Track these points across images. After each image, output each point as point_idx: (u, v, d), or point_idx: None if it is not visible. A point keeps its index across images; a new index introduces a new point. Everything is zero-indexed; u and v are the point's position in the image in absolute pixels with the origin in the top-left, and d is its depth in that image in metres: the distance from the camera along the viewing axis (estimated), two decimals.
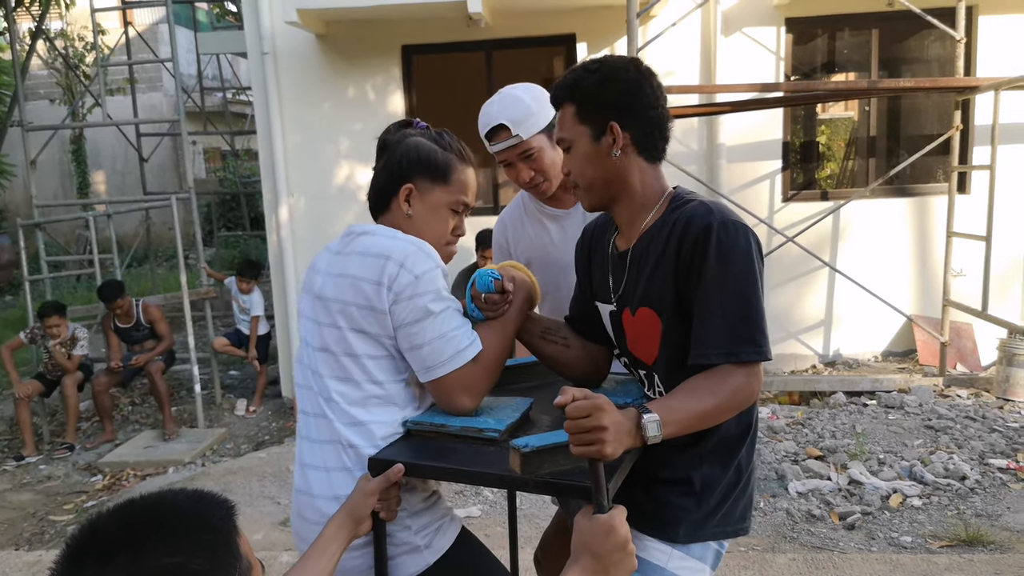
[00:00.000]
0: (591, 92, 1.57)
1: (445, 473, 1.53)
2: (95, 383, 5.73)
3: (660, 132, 1.60)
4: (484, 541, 1.83)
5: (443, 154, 1.74)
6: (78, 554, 0.86)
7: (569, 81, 1.60)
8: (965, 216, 5.80)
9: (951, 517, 3.77)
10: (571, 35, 6.20)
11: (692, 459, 1.56)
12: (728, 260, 1.45)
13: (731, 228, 1.46)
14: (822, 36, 6.42)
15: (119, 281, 6.04)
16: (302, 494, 1.63)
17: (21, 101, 6.51)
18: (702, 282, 1.47)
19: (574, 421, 1.26)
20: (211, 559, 0.88)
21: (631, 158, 1.59)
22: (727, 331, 1.45)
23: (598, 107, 1.57)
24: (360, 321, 1.56)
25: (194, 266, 7.85)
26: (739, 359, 1.44)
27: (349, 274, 1.59)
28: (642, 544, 1.56)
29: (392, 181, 1.73)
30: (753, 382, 1.46)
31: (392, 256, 1.56)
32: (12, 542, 4.26)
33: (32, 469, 5.37)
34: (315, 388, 1.62)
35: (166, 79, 14.87)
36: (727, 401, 1.44)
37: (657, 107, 1.58)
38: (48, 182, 14.21)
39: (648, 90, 1.57)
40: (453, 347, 1.57)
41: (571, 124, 1.60)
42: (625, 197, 1.62)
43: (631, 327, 1.65)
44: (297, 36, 6.25)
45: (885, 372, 5.86)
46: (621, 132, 1.56)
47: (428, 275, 1.56)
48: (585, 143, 1.59)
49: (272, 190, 6.44)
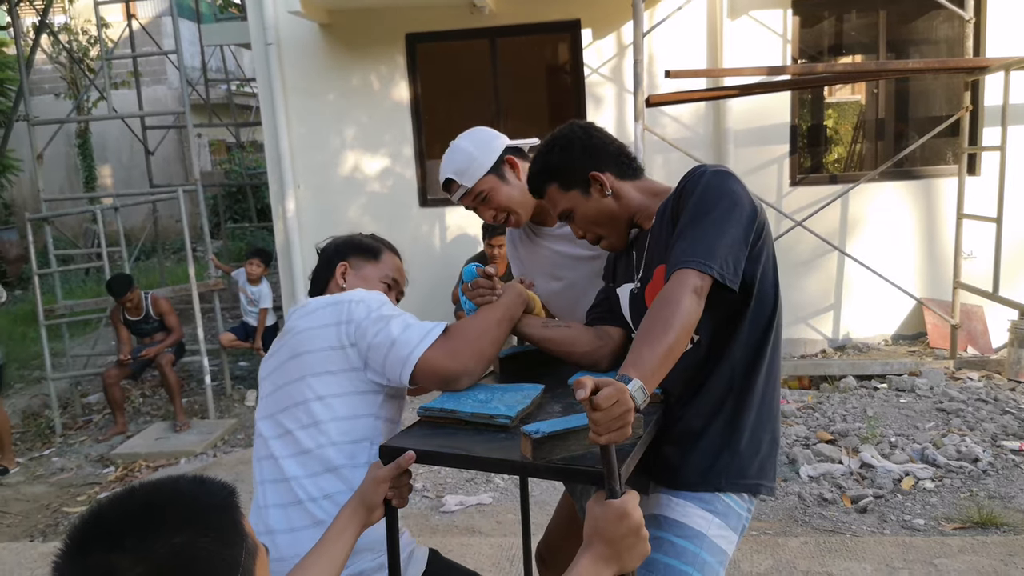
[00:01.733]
0: (561, 164, 1.79)
1: (456, 459, 1.53)
2: (106, 376, 5.76)
3: (626, 156, 1.83)
4: (496, 528, 1.84)
5: (374, 242, 1.98)
6: (83, 541, 0.85)
7: (539, 168, 1.82)
8: (975, 198, 5.75)
9: (964, 499, 3.76)
10: (576, 21, 6.15)
11: (720, 415, 1.64)
12: (704, 194, 1.57)
13: (712, 171, 1.61)
14: (829, 18, 6.36)
15: (128, 275, 6.05)
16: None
17: (26, 96, 6.51)
18: (681, 217, 1.59)
19: (605, 411, 1.19)
20: (218, 538, 0.88)
21: (620, 187, 1.79)
22: (683, 247, 1.51)
23: (572, 171, 1.78)
24: (326, 364, 1.62)
25: (202, 258, 7.88)
26: (683, 266, 1.47)
27: (304, 328, 1.66)
28: (684, 510, 1.60)
29: (328, 264, 1.92)
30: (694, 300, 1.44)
31: (341, 299, 1.68)
32: (27, 534, 4.30)
33: (45, 461, 5.41)
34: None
35: (170, 72, 14.86)
36: (682, 327, 1.41)
37: (611, 142, 1.82)
38: (55, 176, 14.26)
39: (597, 135, 1.82)
40: (419, 332, 1.62)
41: (561, 197, 1.81)
42: (634, 212, 1.80)
43: (651, 293, 1.69)
44: (301, 26, 6.23)
45: (896, 356, 5.84)
46: (601, 174, 1.76)
47: (377, 298, 1.69)
48: (581, 202, 1.79)
49: (278, 181, 6.43)
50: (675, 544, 1.57)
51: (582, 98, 6.24)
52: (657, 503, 1.64)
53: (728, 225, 1.52)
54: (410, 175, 6.49)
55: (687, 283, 1.45)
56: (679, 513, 1.59)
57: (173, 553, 0.84)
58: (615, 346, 1.84)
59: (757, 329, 1.63)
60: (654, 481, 1.69)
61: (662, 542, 1.57)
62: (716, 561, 1.59)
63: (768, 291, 1.64)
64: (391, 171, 6.50)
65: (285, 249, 6.51)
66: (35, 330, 7.04)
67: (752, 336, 1.62)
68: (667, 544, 1.57)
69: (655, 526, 1.59)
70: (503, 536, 3.68)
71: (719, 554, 1.60)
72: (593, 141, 1.79)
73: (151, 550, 0.84)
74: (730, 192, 1.56)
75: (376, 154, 6.49)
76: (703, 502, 1.61)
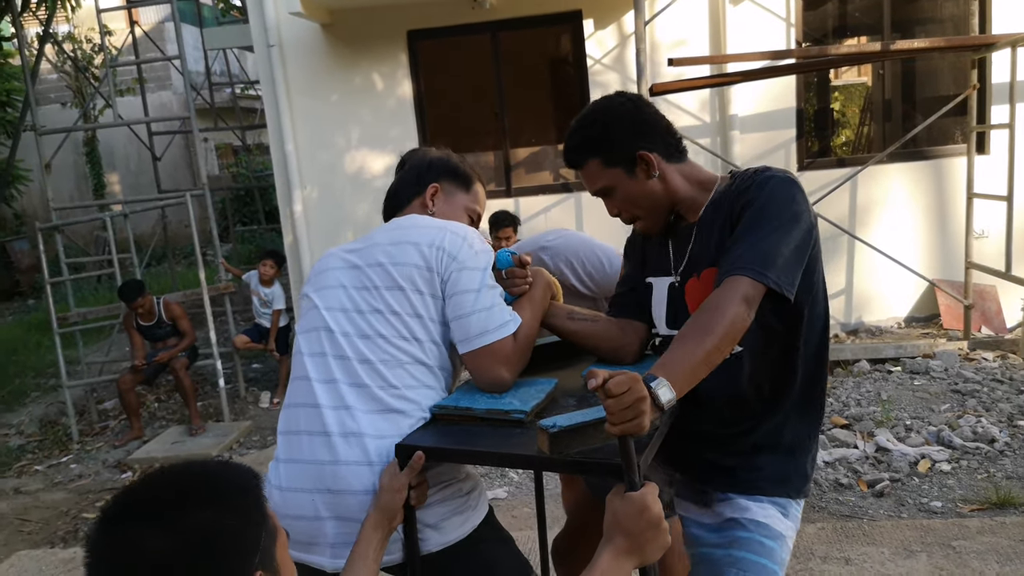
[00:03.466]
0: (606, 138, 1.65)
1: (473, 456, 1.53)
2: (120, 382, 5.79)
3: (674, 137, 1.70)
4: (511, 523, 1.85)
5: (465, 166, 1.90)
6: (114, 516, 0.90)
7: (579, 141, 1.69)
8: (985, 176, 5.70)
9: (981, 480, 3.74)
10: (577, 11, 6.13)
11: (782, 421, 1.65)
12: (768, 202, 1.53)
13: (780, 178, 1.56)
14: (832, 0, 6.32)
15: (139, 280, 6.08)
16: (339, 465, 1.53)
17: (33, 105, 6.54)
18: (741, 223, 1.54)
19: (617, 398, 1.21)
20: (243, 517, 0.93)
21: (666, 169, 1.67)
22: (739, 253, 1.50)
23: (620, 147, 1.65)
24: (419, 282, 1.60)
25: (212, 262, 7.90)
26: (737, 272, 1.46)
27: (409, 240, 1.64)
28: (766, 513, 1.62)
29: (418, 181, 1.83)
30: (744, 309, 1.43)
31: (451, 228, 1.66)
32: (47, 540, 4.33)
33: (63, 468, 5.46)
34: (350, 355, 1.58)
35: (175, 77, 14.90)
36: (724, 335, 1.40)
37: (661, 119, 1.69)
38: (64, 185, 14.33)
39: (647, 109, 1.68)
40: (498, 318, 1.60)
41: (602, 173, 1.68)
42: (679, 200, 1.70)
43: (694, 292, 1.68)
44: (302, 27, 6.23)
45: (909, 338, 5.81)
46: (650, 154, 1.64)
47: (484, 252, 1.65)
48: (624, 181, 1.67)
49: (285, 183, 6.45)
50: (764, 544, 1.60)
51: (585, 89, 6.22)
52: (734, 506, 1.65)
53: (789, 236, 1.50)
54: None
55: (738, 290, 1.44)
56: (763, 515, 1.62)
57: (197, 530, 0.89)
58: (640, 342, 1.83)
59: (814, 339, 1.64)
60: (723, 490, 1.69)
61: (751, 542, 1.60)
62: (785, 561, 1.64)
63: (821, 302, 1.64)
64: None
65: (294, 250, 6.53)
66: (49, 338, 7.09)
67: (810, 347, 1.64)
68: (756, 544, 1.60)
69: (740, 528, 1.62)
70: (519, 530, 3.68)
71: (788, 554, 1.65)
72: (643, 116, 1.66)
73: (177, 526, 0.88)
74: (794, 203, 1.53)
75: (382, 152, 6.50)
76: (780, 507, 1.65)
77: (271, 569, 0.95)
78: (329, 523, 1.54)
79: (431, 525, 1.55)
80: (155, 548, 0.87)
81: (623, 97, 1.69)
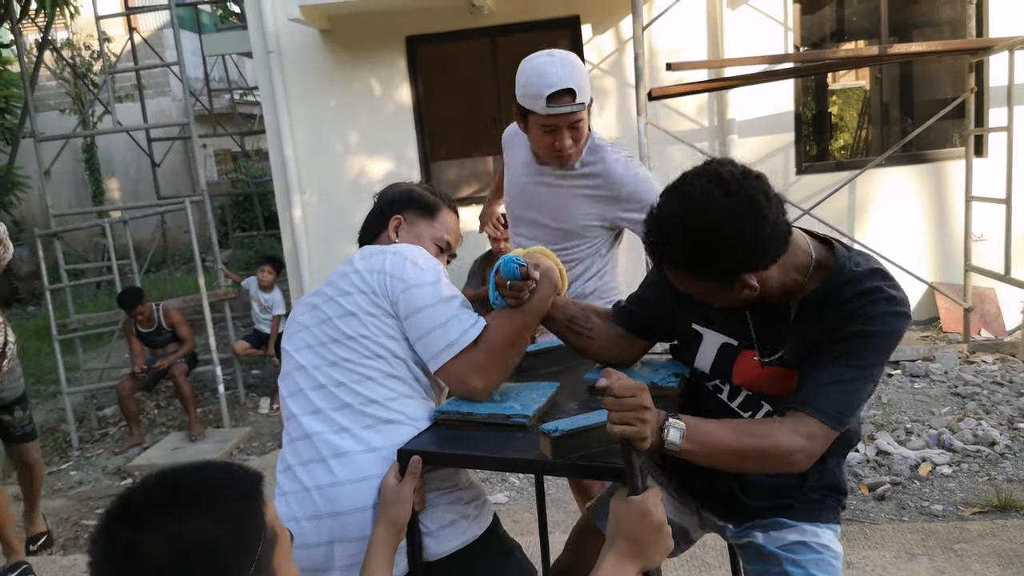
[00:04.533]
0: (713, 262, 1.40)
1: (475, 460, 1.54)
2: (120, 388, 5.78)
3: (783, 233, 1.42)
4: (512, 527, 1.84)
5: (433, 196, 1.90)
6: (113, 519, 0.92)
7: (679, 249, 1.41)
8: (983, 180, 5.71)
9: (982, 483, 3.74)
10: (575, 17, 6.15)
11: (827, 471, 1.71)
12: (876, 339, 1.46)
13: (897, 313, 1.48)
14: (830, 4, 6.33)
15: (138, 288, 6.08)
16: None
17: (31, 112, 6.55)
18: (838, 347, 1.46)
19: (619, 399, 1.26)
20: (236, 526, 0.93)
21: (766, 277, 1.45)
22: (823, 389, 1.45)
23: (722, 270, 1.41)
24: (367, 306, 1.62)
25: (211, 268, 7.91)
26: (809, 412, 1.43)
27: (356, 269, 1.66)
28: (827, 535, 1.70)
29: (382, 216, 1.86)
30: (804, 445, 1.42)
31: (393, 251, 1.67)
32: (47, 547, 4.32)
33: (63, 475, 5.45)
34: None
35: (173, 83, 14.92)
36: (767, 451, 1.41)
37: (779, 224, 1.40)
38: (63, 192, 14.33)
39: (768, 220, 1.37)
40: (457, 329, 1.59)
41: (693, 284, 1.48)
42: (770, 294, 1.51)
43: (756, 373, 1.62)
44: (301, 33, 6.24)
45: (908, 341, 5.80)
46: (753, 276, 1.43)
47: (431, 267, 1.65)
48: (717, 293, 1.48)
49: (284, 188, 6.45)
50: (833, 565, 1.67)
51: None
52: (800, 531, 1.70)
53: (875, 378, 1.49)
54: (415, 177, 6.49)
55: (804, 429, 1.42)
56: (827, 539, 1.69)
57: (192, 537, 0.90)
58: (637, 358, 1.86)
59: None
60: (777, 517, 1.73)
61: (823, 563, 1.66)
62: None
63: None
64: (396, 174, 6.51)
65: (293, 255, 6.53)
66: (49, 345, 7.07)
67: None
68: (827, 565, 1.66)
69: (811, 551, 1.68)
70: (520, 535, 3.66)
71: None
72: (761, 239, 1.37)
73: (171, 533, 0.89)
74: (895, 344, 1.49)
75: (380, 157, 6.50)
76: (833, 531, 1.72)
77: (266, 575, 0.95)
78: (337, 547, 1.54)
79: (429, 533, 1.55)
80: (149, 554, 0.88)
81: (744, 214, 1.36)
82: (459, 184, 6.71)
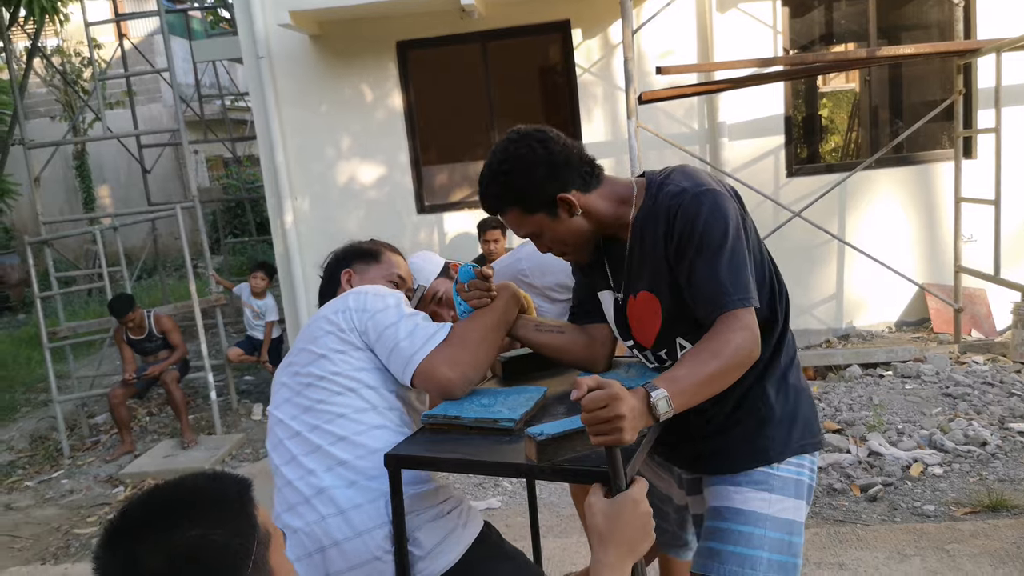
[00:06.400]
0: (520, 189, 1.62)
1: (462, 464, 1.53)
2: (111, 396, 5.76)
3: (588, 164, 1.66)
4: (505, 532, 1.83)
5: (373, 244, 2.04)
6: (113, 534, 0.97)
7: (494, 192, 1.66)
8: (972, 181, 5.74)
9: (973, 483, 3.75)
10: (565, 21, 6.16)
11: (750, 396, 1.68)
12: (707, 226, 1.52)
13: (703, 196, 1.54)
14: (819, 7, 6.36)
15: (129, 295, 6.06)
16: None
17: (21, 119, 6.52)
18: (686, 252, 1.54)
19: (591, 413, 1.27)
20: (230, 530, 0.97)
21: (587, 201, 1.65)
22: (711, 288, 1.51)
23: (535, 195, 1.62)
24: (336, 345, 1.68)
25: (203, 274, 7.88)
26: (726, 309, 1.48)
27: (322, 315, 1.73)
28: (742, 497, 1.64)
29: (333, 276, 1.97)
30: (747, 334, 1.48)
31: (352, 291, 1.76)
32: (39, 556, 4.30)
33: (55, 484, 5.42)
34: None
35: (164, 90, 14.88)
36: (731, 358, 1.46)
37: (568, 149, 1.64)
38: (54, 199, 14.27)
39: (557, 148, 1.62)
40: (423, 336, 1.65)
41: (524, 220, 1.67)
42: (605, 227, 1.69)
43: (634, 311, 1.71)
44: (291, 38, 6.24)
45: (900, 342, 5.82)
46: (569, 195, 1.62)
47: (391, 294, 1.74)
48: (548, 224, 1.66)
49: (275, 194, 6.44)
50: (741, 532, 1.63)
51: (575, 98, 6.24)
52: (716, 495, 1.68)
53: (741, 251, 1.53)
54: (407, 182, 6.50)
55: (736, 323, 1.48)
56: (738, 501, 1.65)
57: (189, 545, 0.94)
58: (608, 345, 1.87)
59: (763, 311, 1.66)
60: (706, 473, 1.73)
61: (729, 532, 1.63)
62: (784, 533, 1.65)
63: (763, 277, 1.66)
64: (388, 179, 6.50)
65: (285, 261, 6.52)
66: (39, 353, 7.04)
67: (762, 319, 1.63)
68: (734, 534, 1.63)
69: (719, 518, 1.65)
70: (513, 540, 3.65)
71: (786, 526, 1.66)
72: (554, 158, 1.61)
73: (169, 543, 0.94)
74: (726, 214, 1.54)
75: (372, 162, 6.50)
76: (758, 484, 1.65)
77: (264, 574, 1.00)
78: None
79: (421, 556, 1.56)
80: (149, 566, 0.92)
81: (531, 138, 1.63)
82: (450, 188, 6.71)
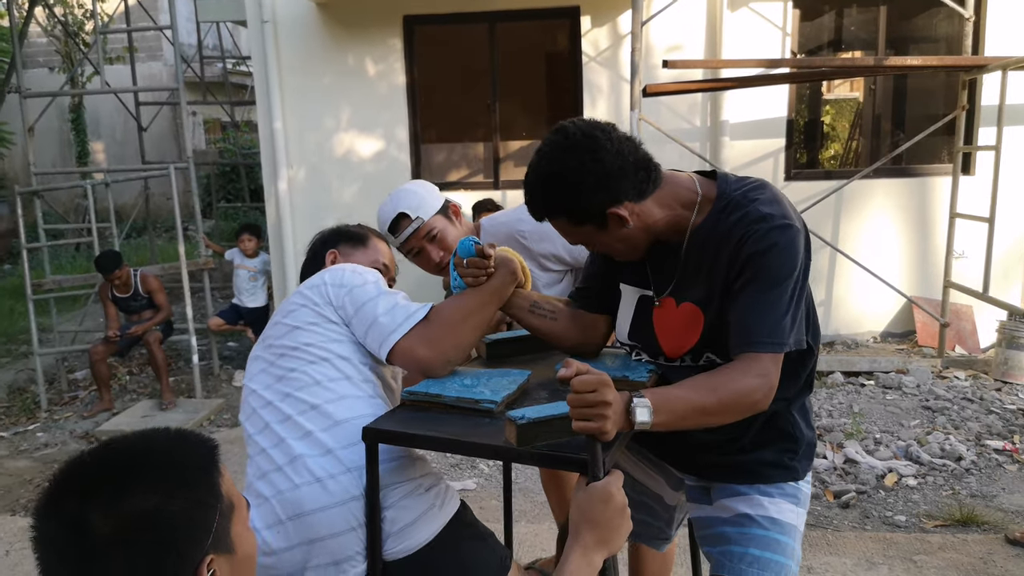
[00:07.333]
0: (569, 201, 1.48)
1: (439, 443, 1.52)
2: (92, 352, 5.72)
3: (644, 168, 1.50)
4: (479, 514, 1.82)
5: (361, 229, 2.03)
6: (58, 493, 0.86)
7: (542, 202, 1.52)
8: (969, 197, 5.75)
9: (946, 497, 3.78)
10: (575, 7, 6.11)
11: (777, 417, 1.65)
12: (774, 260, 1.44)
13: (784, 231, 1.45)
14: (829, 13, 6.34)
15: (117, 252, 6.00)
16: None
17: (19, 67, 6.43)
18: (743, 273, 1.47)
19: (579, 395, 1.24)
20: (190, 500, 0.88)
21: (642, 211, 1.52)
22: (748, 322, 1.45)
23: (586, 208, 1.48)
24: (311, 317, 1.67)
25: (193, 237, 7.82)
26: (753, 348, 1.43)
27: (298, 291, 1.73)
28: (779, 507, 1.65)
29: (316, 256, 1.95)
30: (761, 383, 1.42)
31: (330, 268, 1.75)
32: (8, 508, 4.28)
33: (30, 436, 5.39)
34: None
35: (166, 48, 14.72)
36: (728, 401, 1.41)
37: (622, 156, 1.46)
38: (47, 151, 14.13)
39: (604, 155, 1.44)
40: (402, 314, 1.62)
41: (572, 230, 1.55)
42: (658, 233, 1.57)
43: (667, 318, 1.63)
44: (298, 4, 6.17)
45: (884, 353, 5.85)
46: (621, 207, 1.48)
47: (371, 272, 1.73)
48: (597, 235, 1.54)
49: (271, 161, 6.39)
50: (780, 542, 1.63)
51: (579, 85, 6.21)
52: (750, 502, 1.67)
53: (796, 295, 1.47)
54: (404, 158, 6.46)
55: (755, 368, 1.42)
56: (775, 511, 1.65)
57: (143, 514, 0.84)
58: (602, 337, 1.83)
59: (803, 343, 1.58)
60: (733, 483, 1.71)
61: (769, 540, 1.63)
62: (799, 545, 1.68)
63: (808, 312, 1.60)
64: (385, 153, 6.46)
65: (276, 229, 6.48)
66: (23, 304, 6.98)
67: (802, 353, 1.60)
68: (774, 543, 1.63)
69: (757, 526, 1.64)
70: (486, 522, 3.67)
71: (800, 538, 1.69)
72: (606, 168, 1.44)
73: (121, 508, 0.84)
74: (797, 256, 1.46)
75: (371, 136, 6.45)
76: (791, 497, 1.67)
77: (225, 548, 0.92)
78: (305, 549, 1.53)
79: (394, 532, 1.54)
80: (98, 531, 0.83)
81: (581, 144, 1.45)
82: (448, 168, 6.68)
